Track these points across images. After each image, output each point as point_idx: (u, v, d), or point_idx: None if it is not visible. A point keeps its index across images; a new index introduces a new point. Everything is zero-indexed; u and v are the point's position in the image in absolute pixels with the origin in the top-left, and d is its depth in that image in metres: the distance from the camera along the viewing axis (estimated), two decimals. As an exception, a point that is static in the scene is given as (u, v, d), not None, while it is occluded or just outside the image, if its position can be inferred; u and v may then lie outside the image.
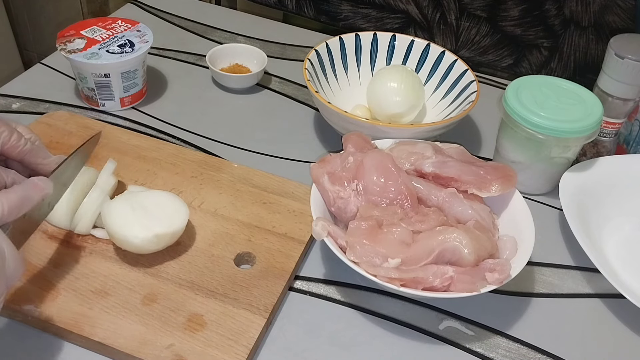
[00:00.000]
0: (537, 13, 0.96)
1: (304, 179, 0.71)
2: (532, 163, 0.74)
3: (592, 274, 0.68)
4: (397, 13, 1.06)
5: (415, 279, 0.55)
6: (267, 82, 0.93)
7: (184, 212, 0.62)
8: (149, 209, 0.60)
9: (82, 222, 0.62)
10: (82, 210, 0.62)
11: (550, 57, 1.00)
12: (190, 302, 0.58)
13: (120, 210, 0.59)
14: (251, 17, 1.10)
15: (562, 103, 0.72)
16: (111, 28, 0.83)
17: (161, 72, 0.93)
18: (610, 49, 0.73)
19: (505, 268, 0.57)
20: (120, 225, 0.59)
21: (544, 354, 0.60)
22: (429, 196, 0.63)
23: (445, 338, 0.60)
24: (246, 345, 0.55)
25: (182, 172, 0.72)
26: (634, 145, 0.80)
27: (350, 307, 0.62)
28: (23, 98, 0.85)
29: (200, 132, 0.82)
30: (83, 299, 0.57)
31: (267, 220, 0.67)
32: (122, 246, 0.60)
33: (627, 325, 0.64)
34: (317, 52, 0.82)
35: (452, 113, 0.80)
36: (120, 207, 0.60)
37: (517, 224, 0.63)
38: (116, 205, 0.60)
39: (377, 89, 0.79)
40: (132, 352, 0.53)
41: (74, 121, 0.77)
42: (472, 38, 1.03)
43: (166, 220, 0.60)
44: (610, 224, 0.72)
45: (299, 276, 0.65)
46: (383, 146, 0.69)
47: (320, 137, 0.84)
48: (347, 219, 0.62)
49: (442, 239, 0.57)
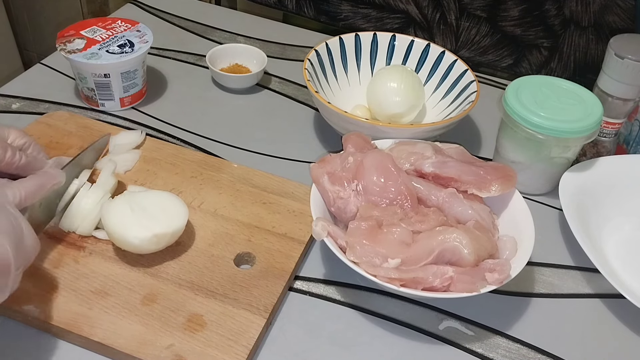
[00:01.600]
0: (537, 13, 0.96)
1: (303, 179, 0.71)
2: (532, 163, 0.74)
3: (592, 274, 0.68)
4: (397, 13, 1.06)
5: (415, 279, 0.55)
6: (267, 82, 0.93)
7: (183, 212, 0.61)
8: (148, 209, 0.60)
9: (84, 224, 0.62)
10: (83, 212, 0.61)
11: (550, 57, 1.00)
12: (190, 302, 0.58)
13: (119, 211, 0.59)
14: (251, 17, 1.10)
15: (562, 103, 0.72)
16: (111, 28, 0.83)
17: (161, 72, 0.93)
18: (610, 49, 0.73)
19: (505, 268, 0.57)
20: (120, 226, 0.59)
21: (544, 354, 0.60)
22: (429, 196, 0.63)
23: (445, 338, 0.60)
24: (246, 346, 0.55)
25: (182, 172, 0.72)
26: (634, 145, 0.80)
27: (350, 307, 0.62)
28: (23, 98, 0.85)
29: (200, 132, 0.82)
30: (83, 299, 0.57)
31: (267, 220, 0.67)
32: (121, 246, 0.60)
33: (627, 325, 0.64)
34: (317, 52, 0.82)
35: (452, 113, 0.80)
36: (120, 208, 0.60)
37: (517, 224, 0.63)
38: (116, 206, 0.60)
39: (377, 89, 0.79)
40: (131, 352, 0.53)
41: (74, 121, 0.77)
42: (472, 38, 1.03)
43: (165, 221, 0.60)
44: (610, 224, 0.72)
45: (299, 276, 0.65)
46: (383, 146, 0.69)
47: (320, 137, 0.84)
48: (347, 219, 0.62)
49: (442, 239, 0.57)
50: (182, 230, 0.61)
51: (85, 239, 0.63)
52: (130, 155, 0.72)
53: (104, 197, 0.63)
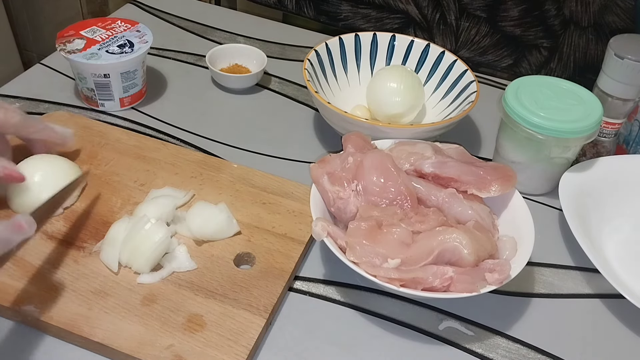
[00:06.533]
0: (536, 13, 0.96)
1: (303, 179, 0.71)
2: (532, 163, 0.74)
3: (591, 274, 0.68)
4: (396, 13, 1.06)
5: (415, 279, 0.55)
6: (267, 83, 0.93)
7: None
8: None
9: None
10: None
11: (550, 57, 1.00)
12: (190, 303, 0.58)
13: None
14: (251, 18, 1.10)
15: (561, 103, 0.72)
16: (111, 28, 0.83)
17: (161, 72, 0.93)
18: (610, 49, 0.73)
19: (505, 268, 0.57)
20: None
21: (543, 354, 0.60)
22: (429, 196, 0.63)
23: (445, 338, 0.60)
24: (246, 346, 0.55)
25: (182, 172, 0.72)
26: (634, 145, 0.80)
27: (350, 308, 0.62)
28: (23, 98, 0.85)
29: (199, 132, 0.82)
30: (82, 300, 0.57)
31: (267, 220, 0.67)
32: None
33: (627, 326, 0.64)
34: (317, 53, 0.82)
35: (451, 113, 0.80)
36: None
37: (516, 224, 0.63)
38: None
39: (376, 89, 0.79)
40: (131, 353, 0.53)
41: (74, 121, 0.77)
42: (471, 38, 1.03)
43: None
44: (610, 225, 0.72)
45: (299, 276, 0.65)
46: (383, 146, 0.69)
47: (320, 137, 0.84)
48: (346, 219, 0.62)
49: (441, 239, 0.57)
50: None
51: (85, 238, 0.63)
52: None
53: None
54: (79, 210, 0.66)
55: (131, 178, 0.70)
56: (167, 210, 0.63)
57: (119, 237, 0.60)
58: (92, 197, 0.67)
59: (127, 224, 0.61)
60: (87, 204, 0.66)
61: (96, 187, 0.69)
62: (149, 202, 0.65)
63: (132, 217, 0.63)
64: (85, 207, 0.66)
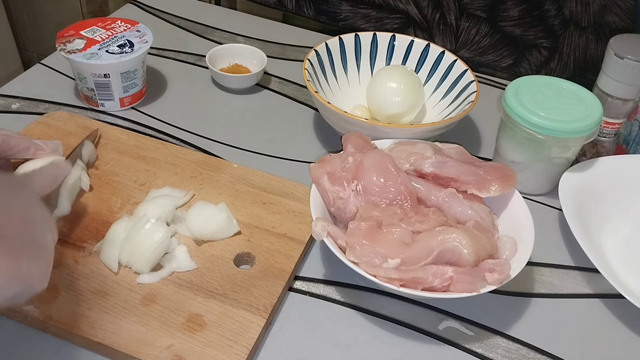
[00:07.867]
0: (536, 13, 0.96)
1: (303, 179, 0.71)
2: (532, 163, 0.74)
3: (591, 274, 0.68)
4: (396, 13, 1.06)
5: (415, 279, 0.55)
6: (267, 83, 0.93)
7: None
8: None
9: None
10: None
11: (550, 57, 1.00)
12: (190, 303, 0.58)
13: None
14: (251, 17, 1.10)
15: (561, 103, 0.72)
16: (111, 28, 0.83)
17: (161, 72, 0.93)
18: (610, 49, 0.73)
19: (504, 268, 0.57)
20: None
21: (543, 354, 0.60)
22: (429, 196, 0.63)
23: (445, 338, 0.60)
24: (246, 346, 0.55)
25: (182, 172, 0.72)
26: (634, 145, 0.80)
27: (350, 308, 0.62)
28: (23, 98, 0.85)
29: (199, 132, 0.82)
30: (82, 299, 0.57)
31: (267, 220, 0.67)
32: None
33: (627, 325, 0.64)
34: (317, 52, 0.82)
35: (451, 113, 0.80)
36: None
37: (516, 224, 0.63)
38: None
39: (376, 89, 0.79)
40: (131, 353, 0.53)
41: (74, 121, 0.77)
42: (471, 38, 1.03)
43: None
44: (609, 224, 0.72)
45: (299, 276, 0.65)
46: (383, 146, 0.69)
47: (320, 137, 0.84)
48: (346, 219, 0.62)
49: (441, 239, 0.57)
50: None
51: (84, 238, 0.63)
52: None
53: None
54: (79, 210, 0.66)
55: (131, 178, 0.70)
56: (167, 210, 0.63)
57: (119, 237, 0.60)
58: (92, 197, 0.67)
59: (127, 223, 0.61)
60: (87, 204, 0.67)
61: (96, 187, 0.69)
62: (148, 202, 0.65)
63: (132, 217, 0.63)
64: (85, 207, 0.66)
